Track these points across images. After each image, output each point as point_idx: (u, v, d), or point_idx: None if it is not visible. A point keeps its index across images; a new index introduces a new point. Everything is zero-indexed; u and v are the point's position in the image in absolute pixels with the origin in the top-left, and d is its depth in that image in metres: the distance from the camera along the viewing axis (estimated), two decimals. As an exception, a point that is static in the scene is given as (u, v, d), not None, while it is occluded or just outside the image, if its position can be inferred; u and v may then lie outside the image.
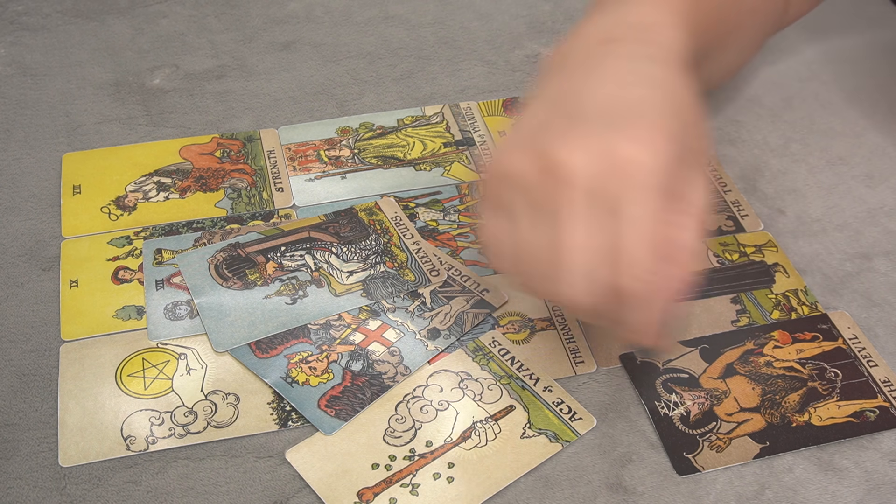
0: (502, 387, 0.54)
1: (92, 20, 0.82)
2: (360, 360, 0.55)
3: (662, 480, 0.51)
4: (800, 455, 0.52)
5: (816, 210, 0.65)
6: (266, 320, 0.57)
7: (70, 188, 0.66)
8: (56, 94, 0.74)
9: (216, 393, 0.54)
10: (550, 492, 0.50)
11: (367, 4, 0.84)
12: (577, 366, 0.56)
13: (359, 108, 0.73)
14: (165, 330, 0.57)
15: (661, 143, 0.44)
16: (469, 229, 0.63)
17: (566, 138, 0.45)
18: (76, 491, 0.50)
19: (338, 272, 0.60)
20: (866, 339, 0.57)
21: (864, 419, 0.53)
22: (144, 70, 0.76)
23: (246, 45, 0.79)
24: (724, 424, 0.53)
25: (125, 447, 0.51)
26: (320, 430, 0.52)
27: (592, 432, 0.53)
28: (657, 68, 0.48)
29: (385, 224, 0.63)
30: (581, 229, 0.44)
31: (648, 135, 0.44)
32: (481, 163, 0.67)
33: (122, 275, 0.60)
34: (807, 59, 0.77)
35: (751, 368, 0.55)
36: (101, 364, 0.55)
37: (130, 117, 0.72)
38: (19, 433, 0.52)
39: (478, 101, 0.73)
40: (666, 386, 0.55)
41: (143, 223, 0.63)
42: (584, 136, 0.45)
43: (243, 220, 0.63)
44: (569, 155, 0.44)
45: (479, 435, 0.52)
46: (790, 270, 0.61)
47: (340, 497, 0.49)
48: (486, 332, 0.57)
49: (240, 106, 0.73)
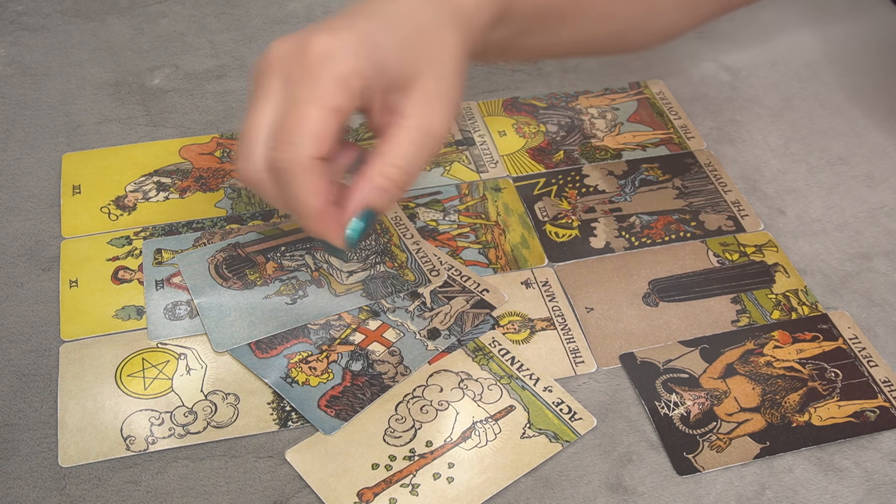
0: (502, 387, 0.54)
1: (92, 20, 0.82)
2: (360, 360, 0.55)
3: (662, 480, 0.51)
4: (800, 455, 0.52)
5: (816, 210, 0.65)
6: (266, 320, 0.57)
7: (70, 188, 0.66)
8: (56, 94, 0.74)
9: (216, 393, 0.54)
10: (550, 492, 0.50)
11: (367, 4, 0.84)
12: (577, 366, 0.56)
13: (359, 108, 0.73)
14: (165, 330, 0.57)
15: (354, 44, 0.47)
16: (469, 229, 0.63)
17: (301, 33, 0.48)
18: (76, 491, 0.50)
19: (338, 272, 0.60)
20: (866, 339, 0.57)
21: (865, 419, 0.53)
22: (144, 70, 0.76)
23: (246, 45, 0.79)
24: (724, 424, 0.53)
25: (125, 447, 0.51)
26: (320, 430, 0.52)
27: (592, 432, 0.53)
28: (427, 7, 0.51)
29: (385, 224, 0.63)
30: (264, 107, 0.48)
31: (347, 34, 0.47)
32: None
33: (122, 275, 0.60)
34: (807, 59, 0.77)
35: (751, 368, 0.55)
36: (101, 364, 0.55)
37: (130, 117, 0.72)
38: (19, 433, 0.52)
39: (478, 101, 0.73)
40: (666, 386, 0.55)
41: (142, 223, 0.63)
42: (305, 30, 0.48)
43: (243, 220, 0.63)
44: (276, 42, 0.48)
45: (479, 435, 0.52)
46: (790, 270, 0.61)
47: (340, 497, 0.49)
48: (486, 332, 0.57)
49: (240, 106, 0.73)
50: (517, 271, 0.61)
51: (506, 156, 0.69)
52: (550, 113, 0.72)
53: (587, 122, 0.72)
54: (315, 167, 0.47)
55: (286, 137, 0.47)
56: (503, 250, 0.62)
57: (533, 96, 0.74)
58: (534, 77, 0.76)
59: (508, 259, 0.61)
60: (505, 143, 0.70)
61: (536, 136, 0.70)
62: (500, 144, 0.70)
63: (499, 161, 0.68)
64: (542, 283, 0.60)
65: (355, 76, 0.47)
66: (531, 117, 0.72)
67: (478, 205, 0.65)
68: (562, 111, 0.72)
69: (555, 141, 0.70)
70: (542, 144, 0.70)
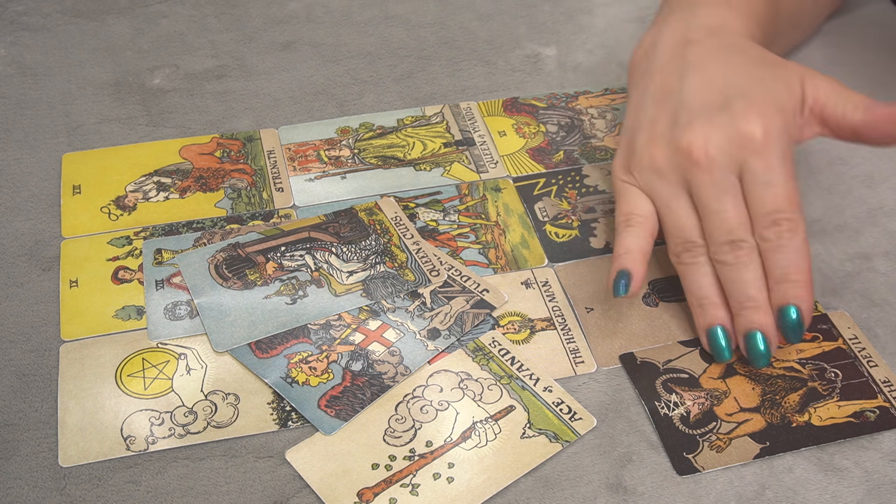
0: (502, 387, 0.54)
1: (92, 20, 0.82)
2: (360, 360, 0.55)
3: (662, 480, 0.51)
4: (800, 455, 0.52)
5: (816, 210, 0.65)
6: (266, 320, 0.57)
7: (70, 188, 0.66)
8: (56, 94, 0.74)
9: (216, 393, 0.54)
10: (550, 492, 0.50)
11: (367, 4, 0.84)
12: (577, 366, 0.56)
13: (359, 108, 0.73)
14: (165, 330, 0.57)
15: (771, 107, 0.53)
16: (469, 229, 0.63)
17: (689, 129, 0.54)
18: (76, 491, 0.50)
19: (338, 272, 0.60)
20: (866, 339, 0.57)
21: (864, 419, 0.53)
22: (144, 70, 0.76)
23: (246, 45, 0.79)
24: (724, 424, 0.53)
25: (125, 447, 0.51)
26: (320, 430, 0.52)
27: (592, 432, 0.53)
28: (743, 43, 0.58)
29: (385, 224, 0.63)
30: (729, 200, 0.53)
31: (760, 106, 0.53)
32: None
33: (122, 275, 0.60)
34: (807, 60, 0.77)
35: (751, 368, 0.55)
36: (101, 364, 0.55)
37: (130, 117, 0.72)
38: (19, 433, 0.52)
39: (478, 101, 0.73)
40: (666, 386, 0.55)
41: (143, 223, 0.63)
42: (705, 126, 0.54)
43: (243, 220, 0.63)
44: (699, 142, 0.53)
45: (479, 435, 0.52)
46: (790, 270, 0.61)
47: (340, 497, 0.49)
48: (486, 332, 0.57)
49: (240, 106, 0.73)
50: (517, 271, 0.61)
51: (506, 156, 0.69)
52: (550, 113, 0.72)
53: (587, 123, 0.72)
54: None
55: (778, 215, 0.53)
56: (503, 250, 0.62)
57: (533, 96, 0.74)
58: (534, 77, 0.76)
59: (508, 259, 0.61)
60: (505, 144, 0.70)
61: (536, 137, 0.70)
62: (500, 144, 0.70)
63: (499, 161, 0.68)
64: (542, 283, 0.60)
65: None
66: (531, 117, 0.72)
67: (478, 205, 0.65)
68: (562, 111, 0.73)
69: (555, 141, 0.70)
70: (542, 144, 0.70)
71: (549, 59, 0.78)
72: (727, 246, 0.53)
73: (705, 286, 0.55)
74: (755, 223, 0.53)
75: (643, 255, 0.55)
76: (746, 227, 0.53)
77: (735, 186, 0.53)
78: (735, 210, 0.53)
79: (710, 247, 0.54)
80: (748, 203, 0.53)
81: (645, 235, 0.56)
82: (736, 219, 0.53)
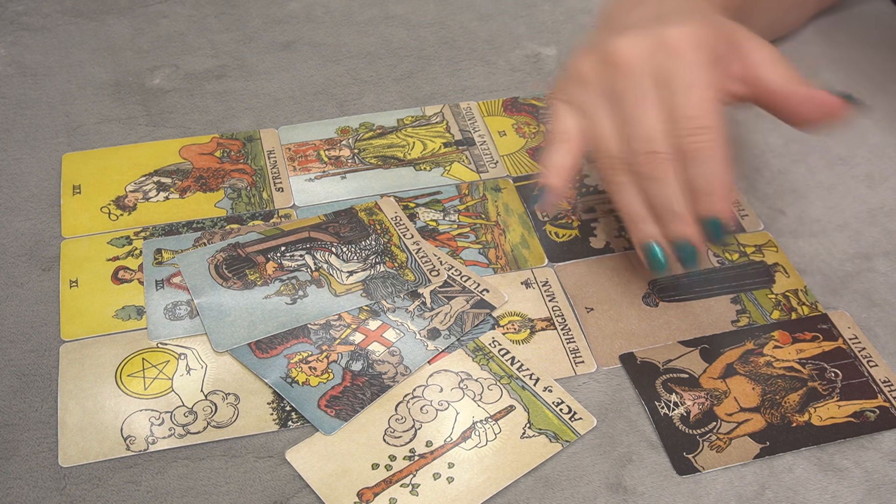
0: (502, 387, 0.54)
1: (92, 20, 0.82)
2: (360, 360, 0.55)
3: (662, 480, 0.51)
4: (800, 455, 0.52)
5: (816, 210, 0.65)
6: (266, 320, 0.57)
7: (70, 188, 0.66)
8: (56, 94, 0.74)
9: (216, 393, 0.54)
10: (550, 492, 0.50)
11: (367, 4, 0.84)
12: (577, 366, 0.56)
13: (359, 108, 0.73)
14: (165, 330, 0.57)
15: (702, 29, 0.54)
16: (469, 229, 0.63)
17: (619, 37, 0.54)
18: (76, 491, 0.50)
19: (338, 272, 0.60)
20: (866, 339, 0.57)
21: (864, 419, 0.53)
22: (144, 70, 0.76)
23: (246, 45, 0.79)
24: (724, 424, 0.53)
25: (125, 447, 0.51)
26: (320, 430, 0.52)
27: (592, 432, 0.53)
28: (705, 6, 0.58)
29: (385, 224, 0.63)
30: (648, 104, 0.53)
31: (690, 25, 0.54)
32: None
33: (122, 275, 0.60)
34: (807, 59, 0.77)
35: (751, 368, 0.55)
36: (101, 364, 0.55)
37: (130, 117, 0.72)
38: (19, 433, 0.52)
39: (478, 101, 0.73)
40: (666, 386, 0.55)
41: (143, 223, 0.63)
42: (633, 34, 0.54)
43: (243, 220, 0.63)
44: (624, 47, 0.54)
45: (479, 435, 0.52)
46: (790, 270, 0.61)
47: (340, 497, 0.49)
48: (486, 332, 0.57)
49: (240, 106, 0.73)
50: (517, 271, 0.61)
51: (506, 156, 0.69)
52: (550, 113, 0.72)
53: (587, 122, 0.71)
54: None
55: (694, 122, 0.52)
56: (503, 250, 0.62)
57: (533, 96, 0.74)
58: (534, 77, 0.76)
59: (508, 259, 0.61)
60: (505, 143, 0.70)
61: (536, 136, 0.70)
62: (500, 144, 0.70)
63: (499, 161, 0.68)
64: (542, 283, 0.60)
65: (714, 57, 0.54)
66: (531, 117, 0.72)
67: (478, 205, 0.65)
68: (562, 111, 0.72)
69: (555, 141, 0.70)
70: (542, 144, 0.70)
71: (549, 59, 0.78)
72: (645, 157, 0.53)
73: (634, 203, 0.55)
74: (673, 129, 0.53)
75: (563, 171, 0.56)
76: (664, 135, 0.53)
77: (655, 93, 0.53)
78: (654, 115, 0.53)
79: (630, 157, 0.54)
80: (667, 109, 0.53)
81: (568, 152, 0.56)
82: (654, 125, 0.53)
